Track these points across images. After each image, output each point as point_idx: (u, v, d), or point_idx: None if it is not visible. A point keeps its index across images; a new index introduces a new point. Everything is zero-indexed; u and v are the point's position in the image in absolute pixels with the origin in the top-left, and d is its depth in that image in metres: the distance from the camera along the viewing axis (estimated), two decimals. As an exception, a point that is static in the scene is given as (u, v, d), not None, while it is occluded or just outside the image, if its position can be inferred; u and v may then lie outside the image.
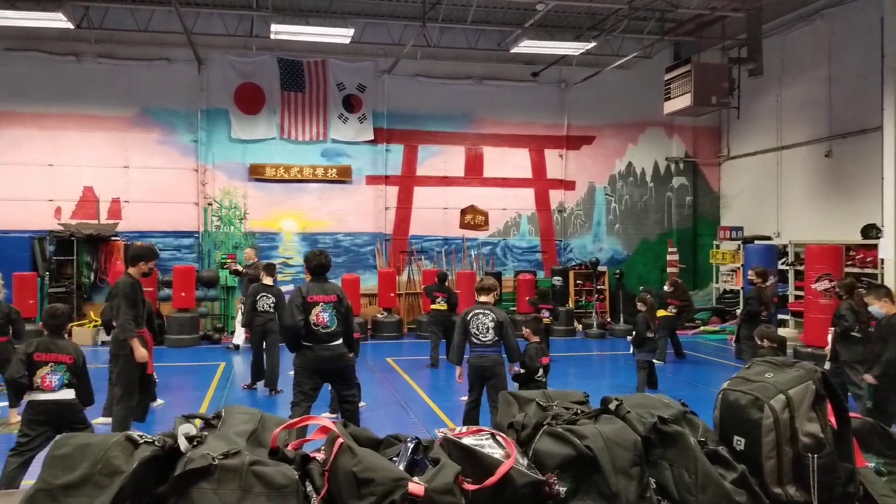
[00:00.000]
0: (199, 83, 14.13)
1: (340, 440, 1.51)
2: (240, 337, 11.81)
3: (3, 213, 13.31)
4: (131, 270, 6.31)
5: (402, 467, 1.50)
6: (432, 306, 10.83)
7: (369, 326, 13.53)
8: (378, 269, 14.53)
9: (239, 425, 1.62)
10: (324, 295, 5.90)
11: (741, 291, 13.71)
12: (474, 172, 15.43)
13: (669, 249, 15.61)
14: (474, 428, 1.67)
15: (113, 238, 13.32)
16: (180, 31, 12.67)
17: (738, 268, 14.20)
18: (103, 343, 12.02)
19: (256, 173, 14.37)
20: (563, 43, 13.66)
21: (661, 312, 10.56)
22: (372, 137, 14.82)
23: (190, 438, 1.48)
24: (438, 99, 15.14)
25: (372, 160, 14.93)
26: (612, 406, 1.74)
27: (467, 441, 1.59)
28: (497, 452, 1.55)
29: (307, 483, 1.49)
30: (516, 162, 15.63)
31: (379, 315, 13.75)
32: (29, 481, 4.81)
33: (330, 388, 6.49)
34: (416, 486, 1.40)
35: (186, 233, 14.20)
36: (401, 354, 11.84)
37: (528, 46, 13.37)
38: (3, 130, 13.43)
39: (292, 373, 6.16)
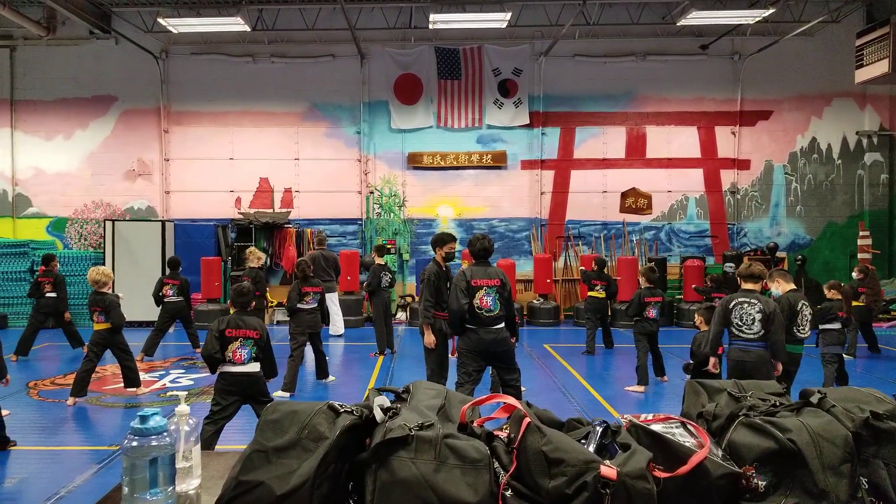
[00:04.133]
0: (361, 77, 14.70)
1: (528, 419, 1.49)
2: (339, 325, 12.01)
3: (192, 203, 14.73)
4: (436, 256, 6.85)
5: (591, 450, 1.47)
6: (590, 293, 10.49)
7: (525, 312, 13.40)
8: (534, 254, 14.34)
9: (428, 400, 1.66)
10: (488, 279, 5.90)
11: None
12: (636, 153, 14.74)
13: (861, 233, 13.99)
14: (661, 415, 1.62)
15: (286, 225, 14.23)
16: (344, 27, 13.23)
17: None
18: (279, 322, 12.95)
19: (414, 161, 14.71)
20: (736, 12, 12.62)
21: (853, 303, 9.47)
22: (527, 122, 14.63)
23: (385, 409, 1.54)
24: (597, 78, 14.63)
25: (527, 145, 14.75)
26: (814, 399, 1.62)
27: (657, 428, 1.55)
28: (689, 441, 1.50)
29: (493, 460, 1.50)
30: (683, 141, 14.74)
31: (535, 301, 13.56)
32: (222, 446, 5.19)
33: (491, 372, 6.45)
34: (608, 470, 1.36)
35: (350, 220, 14.88)
36: (558, 341, 11.59)
37: (697, 17, 12.48)
38: (190, 129, 14.82)
39: (454, 356, 6.16)
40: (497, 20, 12.86)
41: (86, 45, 14.65)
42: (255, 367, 5.14)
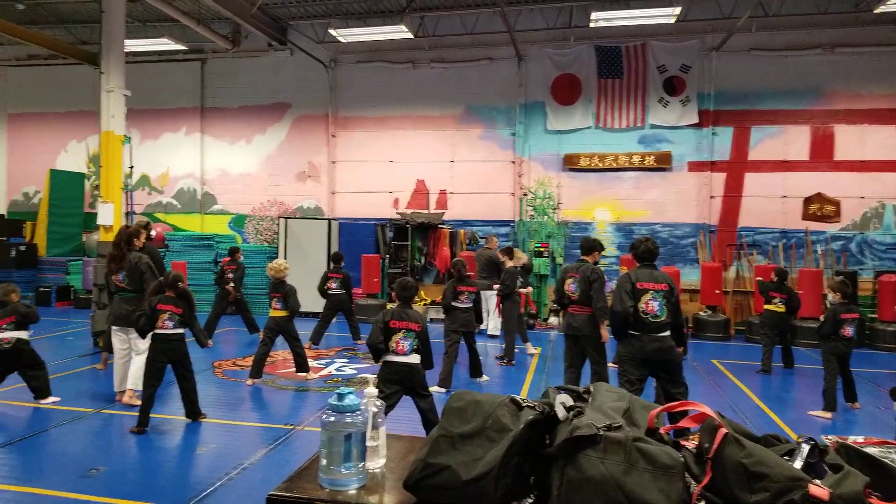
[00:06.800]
0: (518, 79, 14.63)
1: (724, 430, 1.47)
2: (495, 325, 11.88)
3: (355, 203, 15.46)
4: (588, 259, 7.08)
5: (797, 467, 1.42)
6: (766, 307, 9.52)
7: (690, 324, 12.58)
8: (700, 263, 13.44)
9: (611, 402, 1.66)
10: (654, 283, 5.61)
11: None
12: (822, 155, 13.35)
13: None
14: (876, 439, 1.58)
15: (440, 226, 14.50)
16: (503, 30, 13.25)
17: None
18: (432, 320, 13.20)
19: (570, 163, 14.39)
20: (950, -8, 11.05)
21: None
22: (696, 121, 13.76)
23: (568, 408, 1.55)
24: (777, 74, 13.44)
25: (695, 145, 13.88)
26: None
27: (872, 451, 1.51)
28: (912, 470, 1.39)
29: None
30: (879, 141, 13.12)
31: (702, 313, 12.69)
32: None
33: (655, 385, 6.07)
34: (819, 490, 1.30)
35: (503, 222, 14.85)
36: (728, 357, 10.73)
37: (900, 1, 11.08)
38: (354, 133, 15.56)
39: (611, 365, 5.89)
40: (665, 15, 12.25)
41: (265, 57, 15.88)
42: (415, 358, 5.26)
